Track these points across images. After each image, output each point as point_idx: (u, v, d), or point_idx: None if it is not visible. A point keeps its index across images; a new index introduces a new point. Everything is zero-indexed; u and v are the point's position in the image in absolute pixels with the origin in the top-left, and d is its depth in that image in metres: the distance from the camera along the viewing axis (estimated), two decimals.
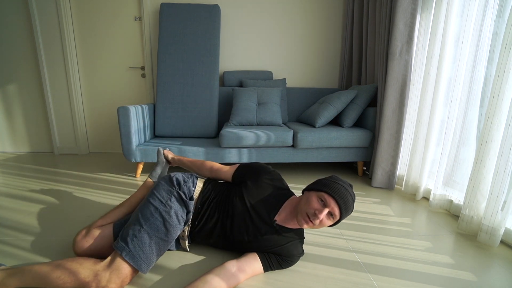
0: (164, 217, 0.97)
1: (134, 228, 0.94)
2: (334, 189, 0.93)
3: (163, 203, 0.99)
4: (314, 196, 0.95)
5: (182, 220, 1.02)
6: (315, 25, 2.81)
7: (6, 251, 1.12)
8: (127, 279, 0.89)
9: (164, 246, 0.97)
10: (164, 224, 0.96)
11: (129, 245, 0.91)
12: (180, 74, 2.46)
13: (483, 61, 1.39)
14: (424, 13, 1.77)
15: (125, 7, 2.70)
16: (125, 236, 0.93)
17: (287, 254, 1.02)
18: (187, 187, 1.08)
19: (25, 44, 2.70)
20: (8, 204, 1.59)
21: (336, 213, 0.92)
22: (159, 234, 0.95)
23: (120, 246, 0.91)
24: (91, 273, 0.85)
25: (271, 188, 1.09)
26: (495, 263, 1.11)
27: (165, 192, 1.03)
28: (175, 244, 1.14)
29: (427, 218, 1.51)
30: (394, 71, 1.84)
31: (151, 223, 0.95)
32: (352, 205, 0.95)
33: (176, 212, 1.00)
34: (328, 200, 0.92)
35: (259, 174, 1.11)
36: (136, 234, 0.93)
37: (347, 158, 2.16)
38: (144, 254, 0.91)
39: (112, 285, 0.85)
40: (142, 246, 0.91)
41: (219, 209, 1.09)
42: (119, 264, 0.88)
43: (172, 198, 1.02)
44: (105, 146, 3.01)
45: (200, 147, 2.06)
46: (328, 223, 0.95)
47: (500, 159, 1.17)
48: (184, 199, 1.03)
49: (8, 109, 2.84)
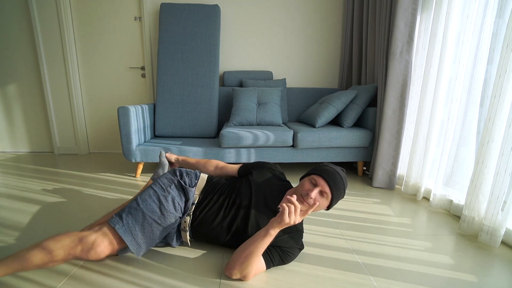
0: (161, 201, 1.01)
1: (131, 206, 1.00)
2: (322, 170, 1.04)
3: (163, 188, 1.05)
4: (306, 180, 1.05)
5: (179, 208, 1.05)
6: (315, 25, 2.80)
7: (6, 251, 1.12)
8: (111, 246, 0.92)
9: (157, 229, 1.00)
10: (159, 207, 1.00)
11: (123, 220, 0.96)
12: (180, 74, 2.46)
13: (483, 61, 1.39)
14: (424, 13, 1.77)
15: (125, 7, 2.69)
16: (121, 213, 0.98)
17: (288, 245, 1.04)
18: (189, 178, 1.14)
19: (25, 44, 2.70)
20: (8, 204, 1.59)
21: (327, 190, 1.00)
22: (153, 216, 0.99)
23: (114, 220, 0.95)
24: (77, 238, 0.87)
25: (274, 179, 1.17)
26: (496, 263, 1.11)
27: (166, 180, 1.09)
28: (176, 240, 1.13)
29: (428, 218, 1.50)
30: (394, 71, 1.83)
31: (147, 204, 0.99)
32: (342, 183, 1.03)
33: (173, 198, 1.04)
34: (318, 179, 1.02)
35: (263, 166, 1.22)
36: (132, 212, 0.98)
37: (347, 158, 2.16)
38: (136, 231, 0.95)
39: (98, 248, 0.88)
40: (135, 223, 0.96)
41: (223, 198, 1.12)
42: (107, 231, 0.92)
43: (172, 185, 1.07)
44: (105, 146, 3.01)
45: (200, 147, 2.06)
46: (324, 203, 1.02)
47: (501, 159, 1.17)
48: (183, 186, 1.08)
49: (8, 109, 2.84)
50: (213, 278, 0.98)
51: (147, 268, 1.03)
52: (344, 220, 1.47)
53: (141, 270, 1.02)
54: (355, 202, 1.71)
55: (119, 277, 0.98)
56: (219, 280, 0.98)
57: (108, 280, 0.96)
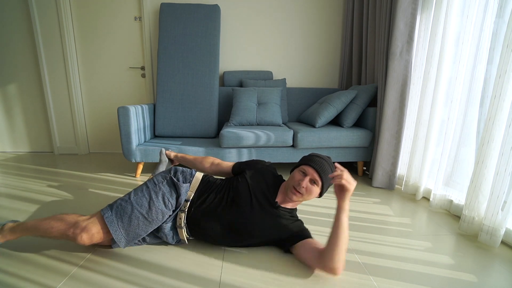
0: (151, 196, 1.06)
1: (123, 198, 1.07)
2: (310, 160, 1.12)
3: (155, 184, 1.11)
4: (296, 171, 1.13)
5: (169, 204, 1.08)
6: (315, 25, 2.80)
7: (6, 251, 1.12)
8: (97, 235, 1.00)
9: (143, 224, 1.04)
10: (148, 202, 1.05)
11: (112, 210, 1.03)
12: (180, 74, 2.46)
13: (483, 61, 1.39)
14: (424, 13, 1.77)
15: (125, 7, 2.70)
16: (112, 203, 1.06)
17: (302, 226, 1.13)
18: (184, 176, 1.17)
19: (25, 44, 2.70)
20: (8, 204, 1.59)
21: (317, 177, 1.08)
22: (141, 210, 1.03)
23: (104, 209, 1.03)
24: (73, 220, 1.01)
25: (269, 175, 1.22)
26: (496, 263, 1.11)
27: (161, 176, 1.15)
28: (173, 237, 1.13)
29: (427, 218, 1.50)
30: (394, 71, 1.83)
31: (138, 198, 1.06)
32: (329, 168, 1.11)
33: (163, 194, 1.08)
34: (307, 169, 1.10)
35: (257, 164, 1.27)
36: (122, 204, 1.04)
37: (347, 158, 2.16)
38: (122, 223, 1.01)
39: (84, 235, 0.97)
40: (122, 215, 1.02)
41: (220, 197, 1.14)
42: (96, 220, 1.01)
43: (164, 182, 1.12)
44: (105, 146, 3.01)
45: (200, 147, 2.06)
46: (315, 190, 1.10)
47: (501, 159, 1.17)
48: (175, 182, 1.12)
49: (8, 109, 2.84)
50: (213, 278, 0.98)
51: (147, 268, 1.03)
52: None
53: (141, 270, 1.02)
54: (355, 202, 1.71)
55: (119, 277, 0.98)
56: (219, 280, 0.98)
57: (108, 280, 0.96)
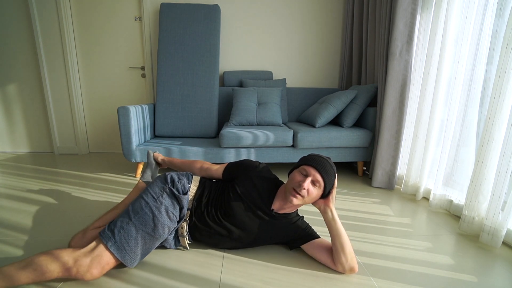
0: (154, 212, 0.98)
1: (123, 220, 0.96)
2: (310, 159, 1.02)
3: (154, 198, 1.01)
4: (296, 172, 1.03)
5: (174, 218, 1.03)
6: (315, 25, 2.80)
7: (6, 251, 1.12)
8: (108, 266, 0.91)
9: (150, 241, 0.98)
10: (153, 219, 0.98)
11: (115, 236, 0.93)
12: (180, 74, 2.46)
13: (483, 61, 1.39)
14: (424, 13, 1.77)
15: (125, 7, 2.69)
16: (112, 227, 0.95)
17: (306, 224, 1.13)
18: (182, 183, 1.09)
19: (25, 44, 2.70)
20: (8, 204, 1.59)
21: (319, 178, 0.99)
22: (146, 229, 0.96)
23: (106, 236, 0.93)
24: (71, 259, 0.86)
25: (260, 180, 1.12)
26: (497, 264, 1.11)
27: (158, 188, 1.05)
28: (174, 243, 1.13)
29: (427, 218, 1.50)
30: (394, 71, 1.83)
31: (140, 217, 0.97)
32: (331, 169, 1.02)
33: (166, 208, 1.01)
34: (308, 169, 1.00)
35: (248, 170, 1.15)
36: (124, 226, 0.94)
37: (347, 158, 2.16)
38: (129, 246, 0.93)
39: (93, 270, 0.87)
40: (128, 239, 0.93)
41: (214, 210, 1.10)
42: (101, 251, 0.90)
43: (164, 194, 1.03)
44: (105, 146, 3.01)
45: (200, 147, 2.06)
46: (317, 192, 1.01)
47: (502, 159, 1.17)
48: (176, 195, 1.04)
49: (8, 109, 2.84)
50: (213, 278, 0.98)
51: (147, 269, 1.03)
52: (344, 220, 1.47)
53: (141, 271, 1.02)
54: (355, 202, 1.71)
55: (119, 277, 0.97)
56: (219, 280, 0.98)
57: (108, 281, 0.96)
